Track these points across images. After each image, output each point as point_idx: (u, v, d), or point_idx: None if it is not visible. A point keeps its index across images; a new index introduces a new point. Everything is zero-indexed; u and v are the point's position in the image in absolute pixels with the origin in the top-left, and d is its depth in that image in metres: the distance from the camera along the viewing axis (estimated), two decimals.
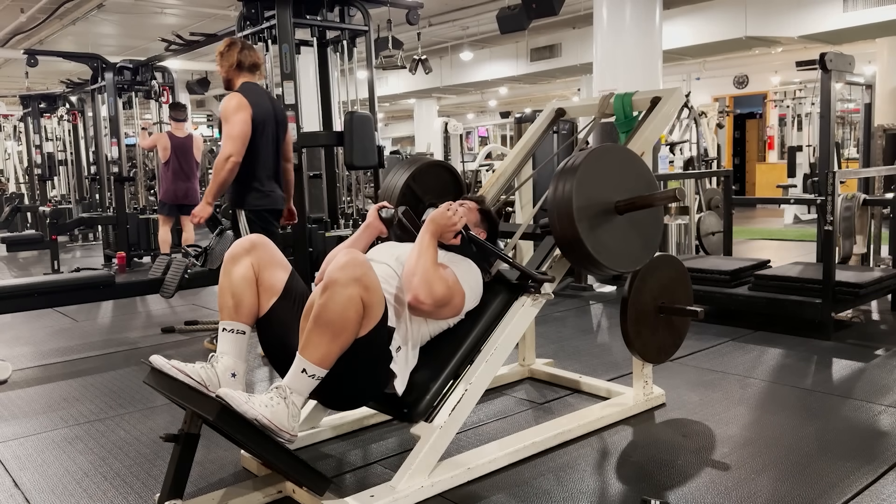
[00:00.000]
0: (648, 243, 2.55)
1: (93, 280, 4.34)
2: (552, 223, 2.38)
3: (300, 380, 2.00)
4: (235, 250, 2.24)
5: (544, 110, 3.40)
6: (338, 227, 5.11)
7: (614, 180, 2.41)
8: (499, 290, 2.50)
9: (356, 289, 1.97)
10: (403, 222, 2.53)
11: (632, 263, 2.56)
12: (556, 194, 2.33)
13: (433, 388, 2.26)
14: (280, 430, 1.92)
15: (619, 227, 2.41)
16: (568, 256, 2.45)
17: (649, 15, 6.80)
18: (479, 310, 2.42)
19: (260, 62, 3.89)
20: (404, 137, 24.56)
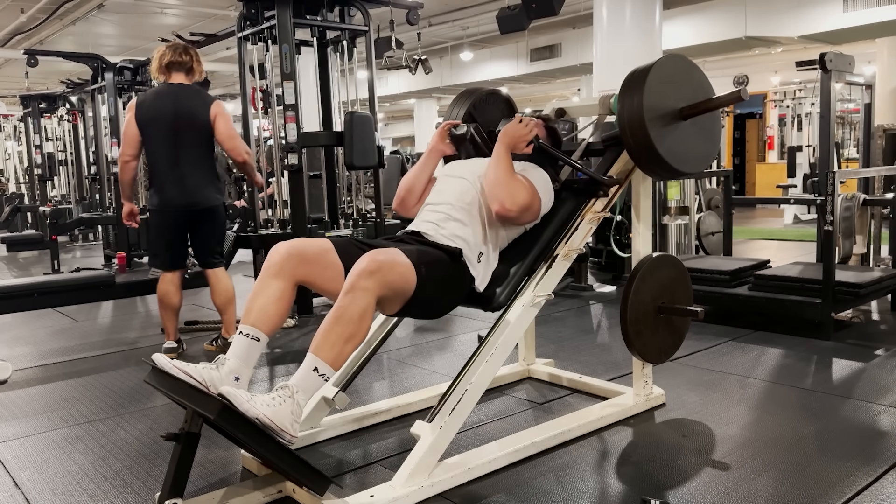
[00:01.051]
0: (711, 145, 2.70)
1: (93, 280, 4.35)
2: (623, 131, 2.50)
3: (310, 378, 2.00)
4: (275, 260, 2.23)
5: (544, 110, 3.39)
6: (338, 227, 5.11)
7: (677, 87, 2.55)
8: (567, 196, 2.68)
9: (374, 296, 2.05)
10: (476, 139, 2.73)
11: (699, 164, 2.71)
12: (626, 104, 2.47)
13: (511, 283, 2.47)
14: (281, 431, 1.92)
15: (686, 130, 2.55)
16: (640, 162, 2.59)
17: (649, 15, 6.80)
18: (550, 214, 2.60)
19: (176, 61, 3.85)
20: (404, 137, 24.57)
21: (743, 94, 2.53)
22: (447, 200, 2.51)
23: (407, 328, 4.52)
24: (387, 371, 3.63)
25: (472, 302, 2.49)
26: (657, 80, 2.47)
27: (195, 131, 3.82)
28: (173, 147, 3.83)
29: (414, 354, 3.94)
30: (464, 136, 2.75)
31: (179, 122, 3.81)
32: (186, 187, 3.85)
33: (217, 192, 3.97)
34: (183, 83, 3.87)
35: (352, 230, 5.06)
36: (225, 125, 3.85)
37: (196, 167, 3.84)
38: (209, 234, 3.94)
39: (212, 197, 3.88)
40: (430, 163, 2.76)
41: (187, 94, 3.85)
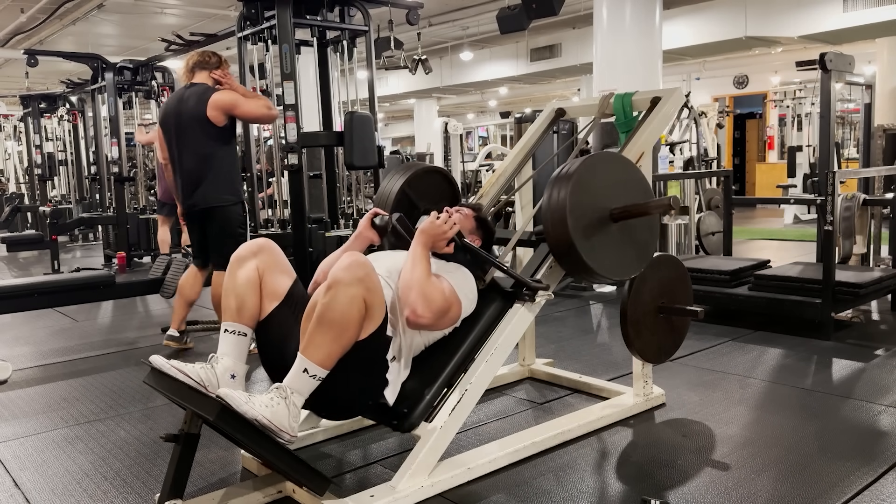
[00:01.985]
0: (643, 251, 2.55)
1: (93, 280, 4.35)
2: (546, 230, 2.37)
3: (301, 380, 2.00)
4: (242, 252, 2.25)
5: (544, 110, 3.40)
6: (338, 227, 5.11)
7: (609, 188, 2.41)
8: (493, 297, 2.48)
9: (359, 289, 1.97)
10: (398, 229, 2.47)
11: (626, 272, 2.55)
12: (551, 202, 2.33)
13: (427, 398, 2.24)
14: (280, 431, 1.92)
15: (614, 235, 2.41)
16: (562, 264, 2.45)
17: (649, 15, 6.79)
18: (474, 317, 2.40)
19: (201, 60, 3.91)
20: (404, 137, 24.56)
21: (673, 202, 2.39)
22: None
23: None
24: None
25: (380, 415, 2.28)
26: (587, 177, 2.34)
27: (195, 129, 3.80)
28: (179, 147, 3.88)
29: None
30: (385, 227, 2.47)
31: (181, 121, 3.84)
32: (187, 187, 3.88)
33: (220, 191, 3.85)
34: (197, 82, 3.89)
35: (352, 230, 5.05)
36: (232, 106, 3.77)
37: (196, 167, 3.83)
38: (212, 234, 3.93)
39: (211, 197, 3.83)
40: (354, 249, 2.45)
41: (192, 93, 3.85)
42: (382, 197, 2.81)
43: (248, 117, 3.94)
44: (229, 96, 3.79)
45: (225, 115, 3.78)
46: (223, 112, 3.77)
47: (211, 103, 3.75)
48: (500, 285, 2.51)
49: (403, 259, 2.32)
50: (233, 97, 3.80)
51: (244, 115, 3.85)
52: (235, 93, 3.84)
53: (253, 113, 3.86)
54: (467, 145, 18.18)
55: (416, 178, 2.85)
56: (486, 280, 2.51)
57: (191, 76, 3.92)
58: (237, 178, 3.94)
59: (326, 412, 2.41)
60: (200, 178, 3.83)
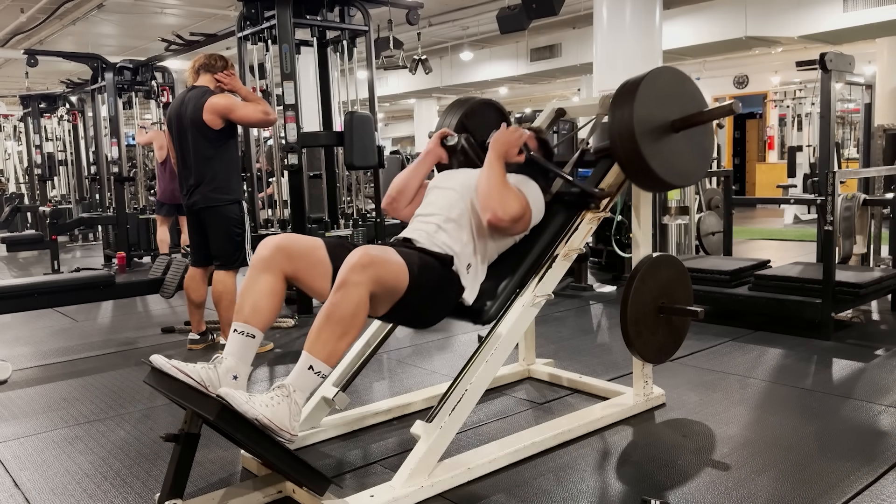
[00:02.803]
0: (703, 158, 2.68)
1: (93, 280, 4.35)
2: (614, 143, 2.48)
3: (306, 377, 2.00)
4: (262, 255, 2.22)
5: (544, 110, 3.40)
6: (338, 227, 5.12)
7: (669, 100, 2.52)
8: (557, 208, 2.64)
9: (366, 289, 2.02)
10: (467, 149, 2.71)
11: (690, 178, 2.73)
12: (616, 116, 2.44)
13: (502, 296, 2.43)
14: (280, 430, 1.92)
15: (677, 143, 2.52)
16: (630, 174, 2.57)
17: (649, 15, 6.80)
18: (542, 226, 2.57)
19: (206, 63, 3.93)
20: (404, 137, 24.56)
21: (735, 106, 2.49)
22: (437, 211, 2.48)
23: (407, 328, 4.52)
24: (387, 371, 3.63)
25: (461, 314, 2.45)
26: (648, 92, 2.44)
27: (194, 130, 3.82)
28: (180, 148, 3.97)
29: (414, 354, 3.94)
30: (455, 146, 2.73)
31: (182, 124, 3.88)
32: (188, 187, 3.93)
33: (218, 191, 3.87)
34: (199, 85, 3.91)
35: (352, 230, 5.06)
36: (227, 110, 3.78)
37: (196, 167, 3.86)
38: (211, 234, 3.94)
39: (212, 197, 3.85)
40: (424, 167, 2.72)
41: (193, 95, 3.88)
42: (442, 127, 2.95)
43: (244, 122, 3.94)
44: (225, 101, 3.80)
45: (221, 118, 3.79)
46: (219, 116, 3.78)
47: (207, 107, 3.77)
48: (565, 196, 2.67)
49: (474, 176, 2.52)
50: (229, 101, 3.81)
51: (240, 119, 3.85)
52: (232, 97, 3.85)
53: (249, 117, 3.86)
54: None
55: (472, 111, 3.00)
56: (551, 192, 2.66)
57: (195, 78, 3.95)
58: (235, 179, 3.95)
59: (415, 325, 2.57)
60: (199, 179, 3.86)
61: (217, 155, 3.84)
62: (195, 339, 4.18)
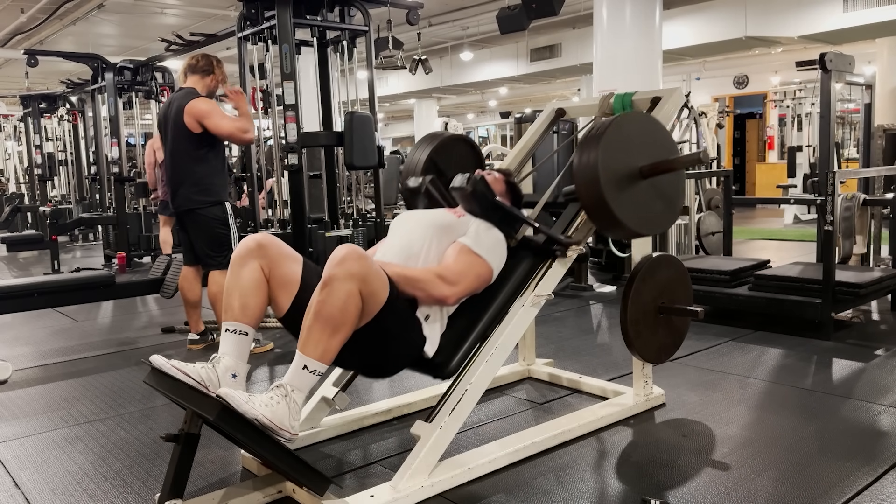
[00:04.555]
0: (672, 206, 2.64)
1: (93, 280, 4.34)
2: (578, 188, 2.44)
3: (301, 376, 2.00)
4: (241, 251, 2.23)
5: (544, 110, 3.40)
6: (338, 227, 5.11)
7: (637, 146, 2.48)
8: (524, 255, 2.58)
9: (354, 283, 1.99)
10: (431, 191, 2.70)
11: (657, 226, 2.67)
12: (582, 160, 2.40)
13: (462, 349, 2.35)
14: (280, 430, 1.92)
15: (644, 190, 2.49)
16: (595, 221, 2.52)
17: (649, 15, 6.79)
18: (506, 274, 2.49)
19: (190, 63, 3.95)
20: (404, 137, 24.56)
21: (703, 156, 2.45)
22: (396, 257, 2.39)
23: None
24: None
25: (421, 367, 2.37)
26: (616, 138, 2.39)
27: (177, 132, 3.86)
28: (167, 150, 4.00)
29: None
30: (418, 189, 2.72)
31: (167, 125, 3.93)
32: (172, 189, 3.99)
33: (198, 193, 3.87)
34: (185, 86, 3.94)
35: (352, 230, 5.06)
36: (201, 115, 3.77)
37: (180, 169, 3.90)
38: (194, 235, 3.97)
39: (192, 199, 3.87)
40: None
41: (178, 97, 3.92)
42: (411, 166, 2.94)
43: (215, 132, 3.83)
44: (204, 106, 3.80)
45: (198, 123, 3.80)
46: (195, 119, 3.80)
47: (187, 109, 3.79)
48: (532, 242, 2.61)
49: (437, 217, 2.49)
50: (207, 108, 3.79)
51: (211, 128, 3.81)
52: (213, 103, 3.85)
53: (220, 129, 3.81)
54: None
55: (442, 147, 2.98)
56: (517, 238, 2.63)
57: (184, 79, 3.99)
58: (217, 181, 3.94)
59: (372, 373, 2.50)
60: (181, 181, 3.90)
61: (199, 157, 3.86)
62: (194, 339, 4.18)
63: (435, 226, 2.45)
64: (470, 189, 2.53)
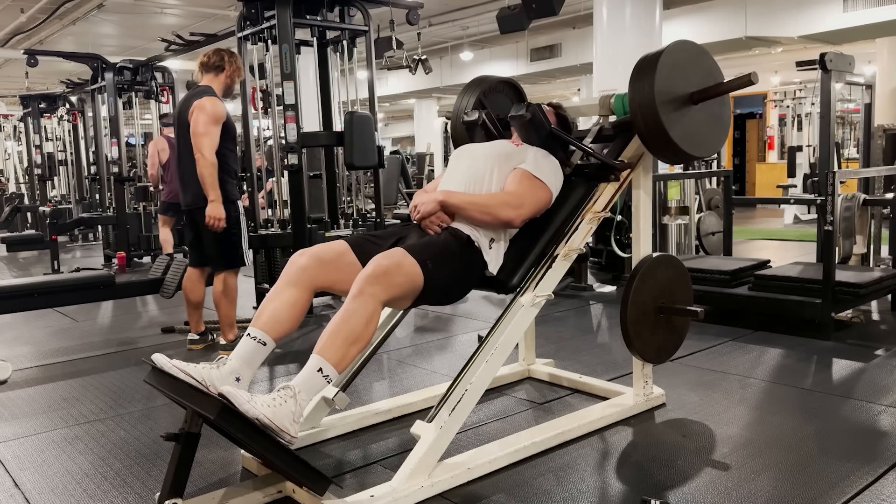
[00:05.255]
0: (721, 130, 2.73)
1: (93, 280, 4.35)
2: (634, 115, 2.54)
3: (314, 379, 2.01)
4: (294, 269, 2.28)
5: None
6: (338, 227, 5.11)
7: (687, 72, 2.57)
8: (578, 180, 2.69)
9: (380, 302, 2.11)
10: (487, 124, 2.87)
11: (709, 149, 2.75)
12: (637, 88, 2.51)
13: (524, 265, 2.51)
14: (281, 431, 1.92)
15: (696, 115, 2.58)
16: (649, 144, 2.60)
17: (649, 15, 6.80)
18: (561, 199, 2.61)
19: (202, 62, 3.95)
20: (404, 137, 24.57)
21: (753, 77, 2.55)
22: (461, 186, 2.55)
23: (407, 328, 4.52)
24: (387, 371, 3.63)
25: (485, 285, 2.52)
26: (667, 65, 2.49)
27: (186, 131, 3.85)
28: (178, 148, 4.00)
29: (414, 354, 3.94)
30: (475, 122, 2.90)
31: (179, 124, 3.93)
32: (182, 187, 3.97)
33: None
34: (200, 84, 3.96)
35: (352, 230, 5.06)
36: (195, 122, 3.75)
37: (187, 168, 3.88)
38: (204, 235, 3.94)
39: (200, 198, 3.84)
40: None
41: (190, 95, 3.91)
42: (461, 107, 3.05)
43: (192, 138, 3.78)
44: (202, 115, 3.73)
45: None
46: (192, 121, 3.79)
47: (193, 108, 3.79)
48: (585, 169, 2.71)
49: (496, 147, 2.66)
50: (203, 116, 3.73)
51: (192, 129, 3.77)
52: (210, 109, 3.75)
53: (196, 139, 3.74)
54: None
55: (490, 90, 3.09)
56: (571, 165, 2.70)
57: (200, 77, 4.00)
58: (226, 180, 3.90)
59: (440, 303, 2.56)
60: (191, 179, 3.87)
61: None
62: (194, 339, 4.17)
63: (496, 154, 2.60)
64: (528, 116, 2.64)
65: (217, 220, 3.78)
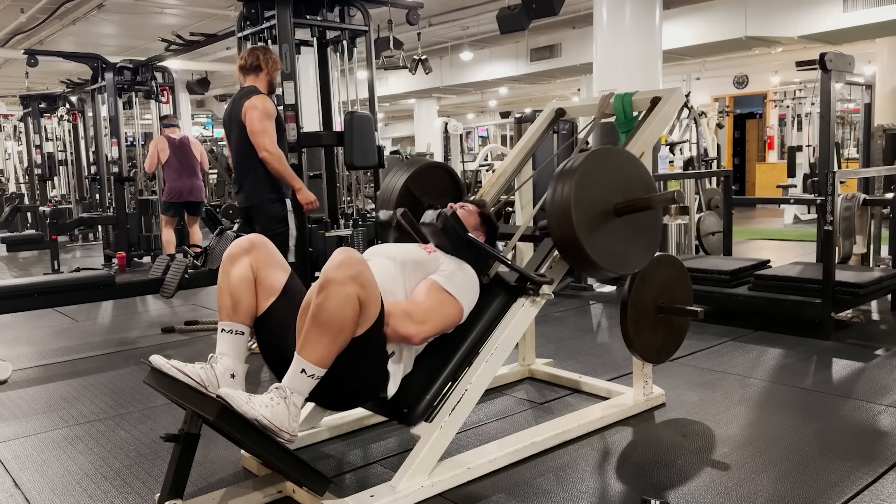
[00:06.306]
0: (647, 245, 2.55)
1: (93, 280, 4.34)
2: (551, 226, 2.37)
3: (299, 380, 2.00)
4: (234, 250, 2.23)
5: (544, 110, 3.40)
6: (338, 227, 5.11)
7: (612, 182, 2.40)
8: (497, 291, 2.49)
9: (353, 287, 1.97)
10: (402, 224, 2.54)
11: (630, 266, 2.55)
12: (555, 197, 2.32)
13: (432, 390, 2.26)
14: (280, 431, 1.92)
15: (618, 229, 2.40)
16: (567, 259, 2.45)
17: (649, 15, 6.79)
18: (477, 312, 2.40)
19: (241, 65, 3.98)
20: (404, 137, 24.56)
21: (678, 197, 2.41)
22: None
23: None
24: None
25: (383, 408, 2.29)
26: (591, 172, 2.33)
27: (239, 131, 3.90)
28: (232, 148, 4.05)
29: None
30: (388, 222, 2.63)
31: (231, 125, 3.98)
32: (238, 186, 4.06)
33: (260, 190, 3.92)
34: (246, 85, 3.99)
35: (352, 230, 5.06)
36: (250, 121, 3.82)
37: (241, 167, 3.95)
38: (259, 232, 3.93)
39: (253, 196, 3.92)
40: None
41: (239, 96, 3.97)
42: (386, 193, 2.84)
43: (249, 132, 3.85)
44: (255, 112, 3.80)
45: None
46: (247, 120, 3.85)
47: (246, 108, 3.85)
48: (504, 279, 2.51)
49: (408, 251, 2.40)
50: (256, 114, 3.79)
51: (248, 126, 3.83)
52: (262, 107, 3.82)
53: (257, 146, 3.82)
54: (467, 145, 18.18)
55: (419, 174, 2.88)
56: (490, 275, 2.51)
57: (243, 80, 4.03)
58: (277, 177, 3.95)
59: (329, 404, 2.41)
60: (244, 178, 3.95)
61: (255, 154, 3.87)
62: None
63: (404, 261, 2.36)
64: (440, 225, 2.44)
65: (310, 203, 3.96)
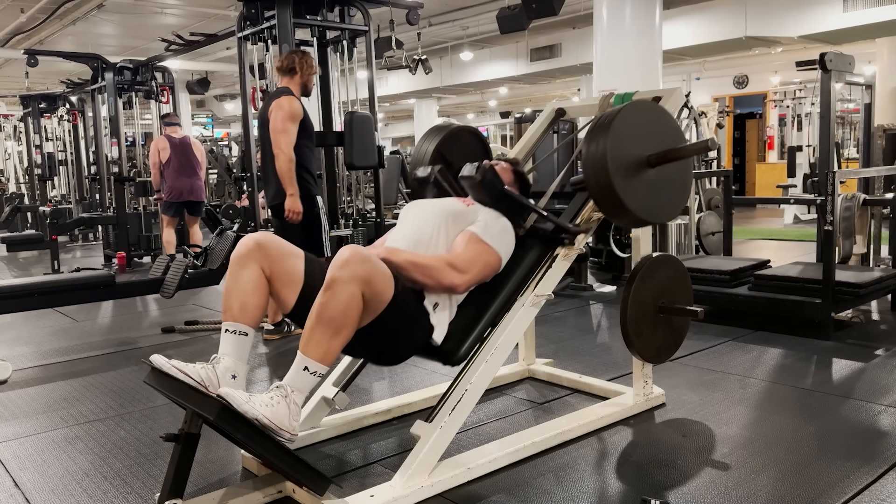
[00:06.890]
0: (679, 195, 2.61)
1: (93, 280, 4.34)
2: (587, 177, 2.42)
3: (302, 378, 2.00)
4: (241, 251, 2.22)
5: (544, 110, 3.40)
6: (338, 227, 5.11)
7: (645, 135, 2.46)
8: (532, 243, 2.57)
9: (357, 286, 1.99)
10: (440, 180, 2.71)
11: (663, 215, 2.64)
12: (591, 150, 2.37)
13: (473, 334, 2.36)
14: (280, 430, 1.92)
15: (652, 179, 2.46)
16: (603, 209, 2.50)
17: (649, 15, 6.79)
18: (514, 262, 2.48)
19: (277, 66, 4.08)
20: (404, 137, 24.57)
21: (711, 143, 2.46)
22: (405, 244, 2.40)
23: None
24: (387, 371, 3.63)
25: (430, 354, 2.37)
26: (624, 126, 2.38)
27: (268, 130, 3.96)
28: (262, 148, 4.12)
29: None
30: (427, 178, 2.74)
31: (261, 124, 4.05)
32: (266, 184, 4.13)
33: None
34: (280, 85, 4.07)
35: (352, 230, 5.06)
36: (273, 119, 3.90)
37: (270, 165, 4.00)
38: (288, 229, 3.99)
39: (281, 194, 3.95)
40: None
41: (271, 96, 4.05)
42: (419, 156, 2.95)
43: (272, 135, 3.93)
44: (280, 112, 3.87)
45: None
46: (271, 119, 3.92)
47: (272, 108, 3.92)
48: (540, 231, 2.59)
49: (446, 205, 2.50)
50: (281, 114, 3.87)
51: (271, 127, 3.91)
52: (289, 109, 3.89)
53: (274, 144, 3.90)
54: None
55: (449, 137, 2.98)
56: (525, 227, 2.59)
57: (280, 80, 4.11)
58: (304, 176, 4.02)
59: (381, 361, 2.49)
60: (273, 176, 3.99)
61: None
62: (270, 329, 4.27)
63: (445, 214, 2.45)
64: (479, 178, 2.53)
65: (295, 213, 3.95)
